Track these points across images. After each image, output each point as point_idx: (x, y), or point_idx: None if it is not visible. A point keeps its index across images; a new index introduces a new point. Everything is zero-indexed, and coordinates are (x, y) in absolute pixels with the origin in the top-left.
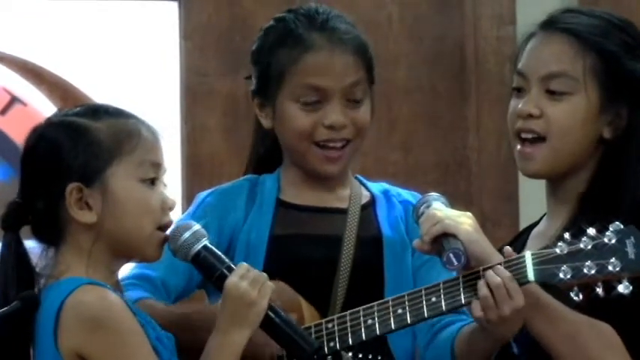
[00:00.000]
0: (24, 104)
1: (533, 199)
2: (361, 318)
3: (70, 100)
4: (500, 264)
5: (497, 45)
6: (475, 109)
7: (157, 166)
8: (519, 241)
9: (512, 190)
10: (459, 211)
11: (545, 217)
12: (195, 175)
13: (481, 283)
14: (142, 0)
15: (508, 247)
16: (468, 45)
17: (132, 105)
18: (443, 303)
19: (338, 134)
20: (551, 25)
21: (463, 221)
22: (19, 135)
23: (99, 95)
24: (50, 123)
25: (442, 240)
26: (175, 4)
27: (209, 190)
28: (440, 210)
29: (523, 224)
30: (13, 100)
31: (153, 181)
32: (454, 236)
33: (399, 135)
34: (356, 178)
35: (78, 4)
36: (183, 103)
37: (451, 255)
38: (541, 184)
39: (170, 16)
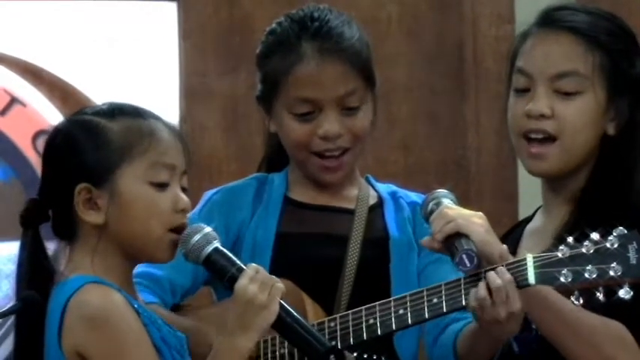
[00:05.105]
0: (23, 105)
1: (532, 198)
2: (363, 318)
3: (69, 100)
4: (502, 265)
5: (495, 44)
6: (474, 109)
7: (172, 167)
8: (513, 237)
9: (511, 190)
10: (470, 211)
11: (540, 213)
12: (194, 175)
13: (481, 284)
14: (142, 0)
15: None
16: (467, 44)
17: None
18: (444, 304)
19: (334, 144)
20: (551, 23)
21: (475, 221)
22: (18, 136)
23: (98, 96)
24: (69, 120)
25: (454, 240)
26: (174, 5)
27: (216, 189)
28: (452, 208)
29: None
30: (13, 100)
31: (165, 184)
32: (466, 236)
33: (398, 134)
34: (366, 178)
35: (77, 5)
36: (182, 103)
37: (464, 256)
38: (540, 184)
39: (169, 16)
